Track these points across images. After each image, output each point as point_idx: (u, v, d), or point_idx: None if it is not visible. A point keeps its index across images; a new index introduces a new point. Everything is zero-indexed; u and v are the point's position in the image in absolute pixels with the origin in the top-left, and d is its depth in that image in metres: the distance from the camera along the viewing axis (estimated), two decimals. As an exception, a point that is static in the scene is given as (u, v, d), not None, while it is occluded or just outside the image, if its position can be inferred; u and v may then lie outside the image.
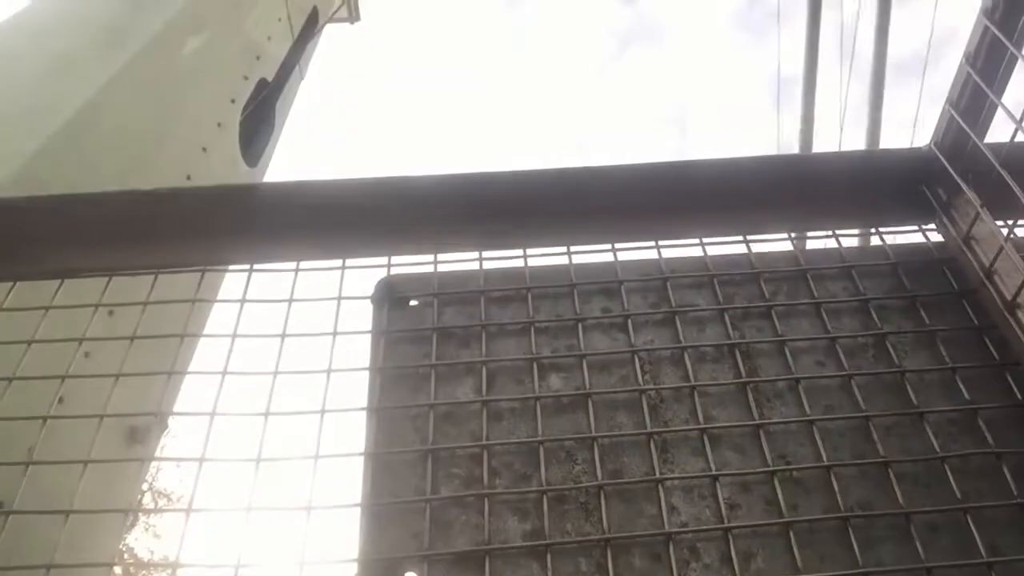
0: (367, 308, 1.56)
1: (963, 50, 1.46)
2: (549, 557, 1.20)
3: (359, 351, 1.48)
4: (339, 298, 1.53)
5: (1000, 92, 1.42)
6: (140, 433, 2.58)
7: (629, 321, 1.52)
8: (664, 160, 1.68)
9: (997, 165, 1.35)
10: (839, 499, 1.25)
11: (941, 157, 1.55)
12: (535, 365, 1.46)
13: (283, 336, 1.47)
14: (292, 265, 1.59)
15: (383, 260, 1.61)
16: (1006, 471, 1.27)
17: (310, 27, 5.63)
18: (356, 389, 1.43)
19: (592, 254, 1.65)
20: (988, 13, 1.40)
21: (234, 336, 1.48)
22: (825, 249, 1.65)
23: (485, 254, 1.64)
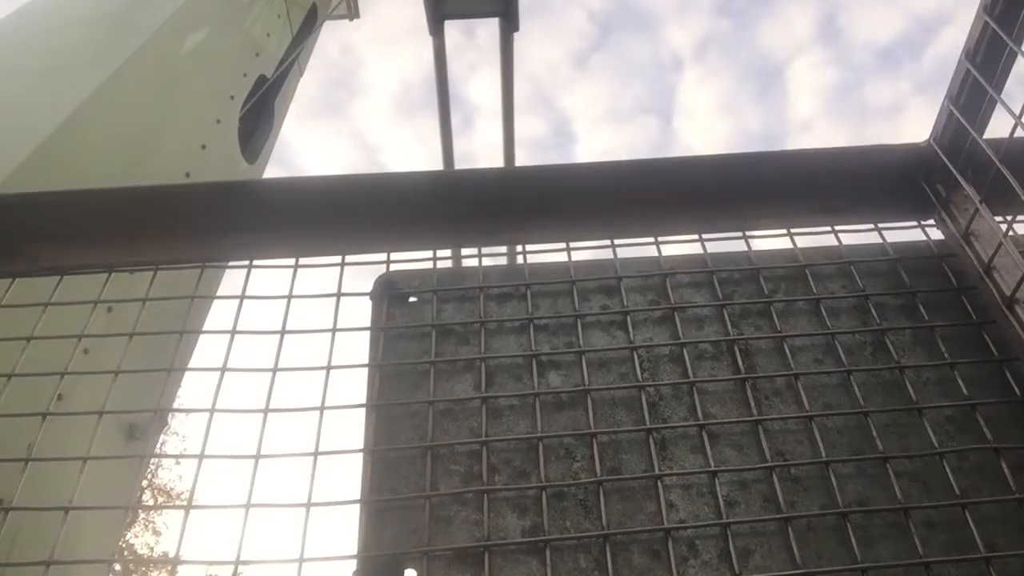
0: (366, 304, 1.56)
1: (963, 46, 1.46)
2: (548, 553, 1.21)
3: (358, 347, 1.49)
4: (338, 294, 1.53)
5: (999, 88, 1.42)
6: (139, 430, 2.58)
7: (628, 318, 1.52)
8: (663, 156, 1.68)
9: (996, 161, 1.35)
10: (837, 496, 1.25)
11: (940, 153, 1.55)
12: (534, 362, 1.46)
13: (282, 332, 1.47)
14: (291, 261, 1.59)
15: (382, 256, 1.61)
16: (1004, 467, 1.27)
17: (309, 24, 5.63)
18: (355, 385, 1.43)
19: (591, 251, 1.65)
20: (987, 9, 1.40)
21: (233, 332, 1.48)
22: (824, 246, 1.65)
23: (484, 250, 1.64)
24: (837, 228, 1.64)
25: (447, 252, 1.66)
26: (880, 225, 1.65)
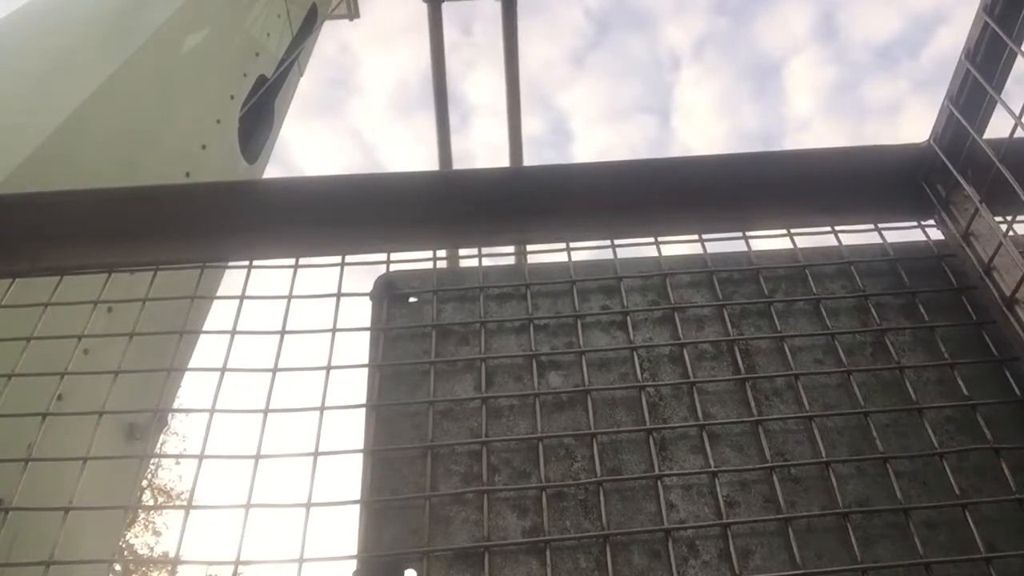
0: (366, 305, 1.56)
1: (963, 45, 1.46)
2: (548, 554, 1.21)
3: (358, 348, 1.49)
4: (338, 295, 1.53)
5: (999, 88, 1.42)
6: (139, 430, 2.58)
7: (628, 318, 1.52)
8: (662, 156, 1.68)
9: (996, 161, 1.35)
10: (837, 496, 1.25)
11: (940, 153, 1.55)
12: (534, 362, 1.46)
13: (282, 333, 1.47)
14: (291, 261, 1.59)
15: (382, 256, 1.61)
16: (1004, 467, 1.27)
17: (309, 23, 5.63)
18: (355, 386, 1.43)
19: (591, 251, 1.65)
20: (987, 9, 1.40)
21: (233, 333, 1.48)
22: (824, 247, 1.65)
23: (486, 251, 1.64)
24: (837, 228, 1.64)
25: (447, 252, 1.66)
26: (880, 225, 1.65)
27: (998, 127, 1.46)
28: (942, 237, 1.61)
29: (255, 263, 1.60)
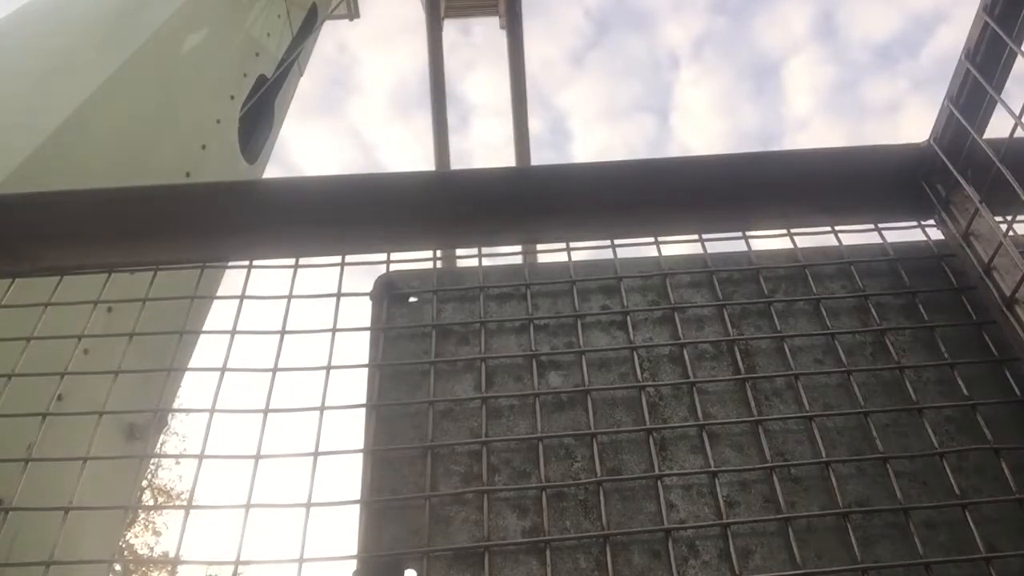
0: (366, 304, 1.56)
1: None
2: (548, 554, 1.21)
3: (358, 348, 1.49)
4: (338, 295, 1.53)
5: (999, 88, 1.42)
6: (139, 430, 2.58)
7: (628, 318, 1.52)
8: (661, 155, 1.69)
9: (997, 161, 1.35)
10: (837, 496, 1.25)
11: (940, 153, 1.55)
12: (534, 362, 1.46)
13: (282, 332, 1.47)
14: (291, 261, 1.59)
15: (382, 256, 1.61)
16: (1004, 467, 1.27)
17: (309, 23, 5.63)
18: (355, 386, 1.43)
19: (591, 251, 1.65)
20: (987, 9, 1.40)
21: (233, 333, 1.48)
22: (824, 246, 1.65)
23: (487, 250, 1.64)
24: (837, 228, 1.64)
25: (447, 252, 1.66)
26: (880, 225, 1.65)
27: (998, 127, 1.46)
28: (942, 237, 1.61)
29: (255, 263, 1.60)
